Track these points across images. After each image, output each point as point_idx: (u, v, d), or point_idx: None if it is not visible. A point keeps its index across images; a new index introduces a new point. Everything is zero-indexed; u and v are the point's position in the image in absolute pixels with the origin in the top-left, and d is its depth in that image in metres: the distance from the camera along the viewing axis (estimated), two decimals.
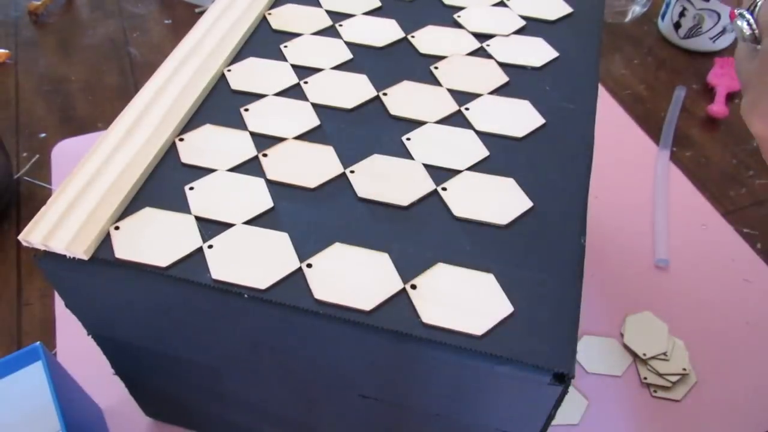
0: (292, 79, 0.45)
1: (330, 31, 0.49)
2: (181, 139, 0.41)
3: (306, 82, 0.45)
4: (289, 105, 0.43)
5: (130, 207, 0.37)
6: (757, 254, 0.66)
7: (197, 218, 0.37)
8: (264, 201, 0.37)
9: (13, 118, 0.84)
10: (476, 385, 0.33)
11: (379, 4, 0.52)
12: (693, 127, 0.83)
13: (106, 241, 0.35)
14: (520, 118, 0.42)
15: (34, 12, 0.99)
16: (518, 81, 0.45)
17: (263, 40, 0.49)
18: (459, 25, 0.50)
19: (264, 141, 0.41)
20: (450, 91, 0.45)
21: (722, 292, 0.63)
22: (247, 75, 0.46)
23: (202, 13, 0.97)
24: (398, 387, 0.36)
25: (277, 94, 0.44)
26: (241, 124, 0.42)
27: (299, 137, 0.41)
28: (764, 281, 0.64)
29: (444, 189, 0.38)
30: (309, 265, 0.34)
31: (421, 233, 0.36)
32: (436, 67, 0.46)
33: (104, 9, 1.02)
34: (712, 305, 0.62)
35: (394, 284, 0.33)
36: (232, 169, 0.39)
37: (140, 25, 0.99)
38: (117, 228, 0.36)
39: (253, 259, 0.34)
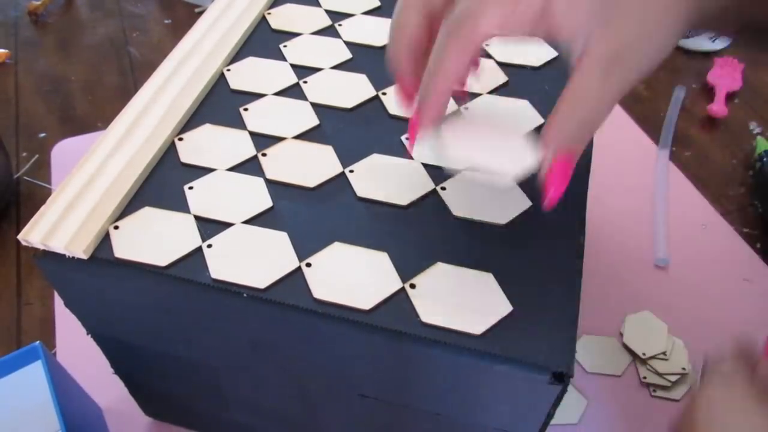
0: (291, 78, 0.45)
1: (329, 31, 0.49)
2: (181, 139, 0.41)
3: (305, 82, 0.45)
4: (288, 104, 0.43)
5: (130, 206, 0.37)
6: (757, 254, 0.66)
7: (196, 218, 0.37)
8: (263, 200, 0.37)
9: (13, 118, 0.84)
10: (475, 385, 0.33)
11: (378, 3, 0.52)
12: (693, 126, 0.83)
13: (105, 241, 0.35)
14: (519, 118, 0.42)
15: (34, 12, 0.99)
16: (517, 81, 0.45)
17: (263, 40, 0.49)
18: None
19: (263, 140, 0.41)
20: None
21: (722, 291, 0.63)
22: (246, 74, 0.46)
23: (201, 12, 0.97)
24: (398, 386, 0.36)
25: (277, 94, 0.44)
26: (240, 124, 0.42)
27: (299, 137, 0.41)
28: (764, 281, 0.64)
29: (443, 189, 0.38)
30: (308, 265, 0.34)
31: (420, 233, 0.36)
32: None
33: (104, 9, 1.02)
34: (712, 305, 0.62)
35: (394, 284, 0.33)
36: (231, 169, 0.39)
37: (140, 24, 0.99)
38: (116, 227, 0.36)
39: (253, 259, 0.34)
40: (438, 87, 0.30)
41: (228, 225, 0.36)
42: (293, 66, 0.46)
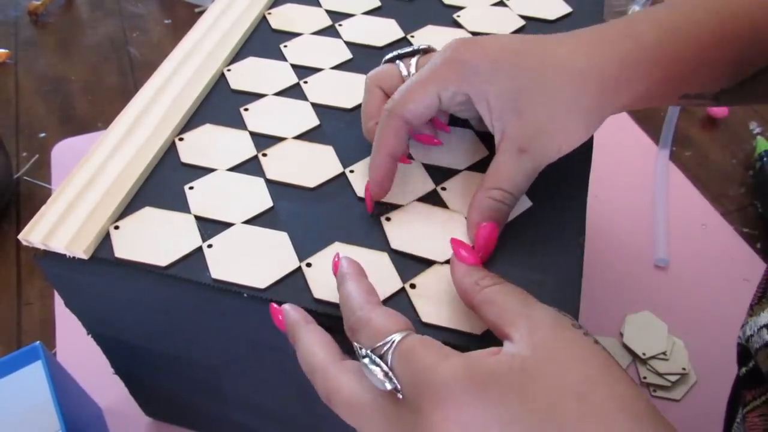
0: (291, 78, 0.45)
1: (330, 31, 0.49)
2: (181, 139, 0.41)
3: (306, 82, 0.45)
4: (288, 105, 0.43)
5: (130, 206, 0.37)
6: (757, 254, 0.66)
7: (197, 218, 0.37)
8: (263, 200, 0.37)
9: (13, 118, 0.84)
10: None
11: (378, 3, 0.52)
12: (693, 127, 0.83)
13: (105, 241, 0.35)
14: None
15: (34, 12, 0.99)
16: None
17: (263, 40, 0.49)
18: (459, 25, 0.50)
19: (264, 140, 0.41)
20: None
21: (722, 292, 0.63)
22: (246, 75, 0.46)
23: (201, 12, 0.97)
24: None
25: (277, 94, 0.44)
26: (240, 124, 0.42)
27: (299, 137, 0.41)
28: None
29: (443, 189, 0.38)
30: (308, 265, 0.34)
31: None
32: None
33: (104, 9, 1.02)
34: (712, 305, 0.62)
35: (394, 283, 0.33)
36: (231, 169, 0.39)
37: (140, 25, 0.99)
38: (117, 227, 0.36)
39: (253, 259, 0.34)
40: (378, 159, 0.36)
41: (228, 225, 0.36)
42: (293, 66, 0.46)
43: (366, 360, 0.27)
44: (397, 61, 0.39)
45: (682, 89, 0.37)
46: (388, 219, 0.36)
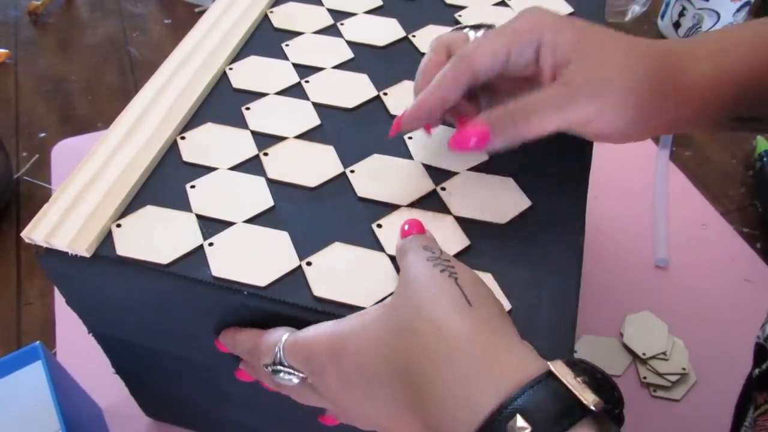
0: (293, 78, 0.45)
1: (331, 30, 0.50)
2: (183, 138, 0.41)
3: (307, 81, 0.45)
4: (290, 104, 0.43)
5: (132, 205, 0.37)
6: (757, 254, 0.67)
7: (198, 216, 0.37)
8: (264, 200, 0.37)
9: (13, 118, 0.84)
10: None
11: (380, 3, 0.52)
12: None
13: (107, 239, 0.35)
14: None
15: (34, 12, 0.99)
16: None
17: (265, 39, 0.49)
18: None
19: (265, 140, 0.41)
20: None
21: (722, 291, 0.63)
22: (248, 74, 0.46)
23: (201, 12, 0.97)
24: None
25: (278, 93, 0.44)
26: (242, 123, 0.42)
27: (300, 136, 0.41)
28: (764, 281, 0.64)
29: (443, 189, 0.38)
30: (309, 263, 0.34)
31: None
32: None
33: (104, 9, 1.02)
34: (712, 305, 0.62)
35: (393, 283, 0.33)
36: (233, 168, 0.39)
37: (140, 24, 0.99)
38: (119, 225, 0.36)
39: (254, 257, 0.34)
40: (428, 96, 0.35)
41: (229, 224, 0.36)
42: (295, 65, 0.46)
43: (274, 375, 0.32)
44: (467, 29, 0.39)
45: (735, 112, 0.37)
46: (379, 226, 0.36)
